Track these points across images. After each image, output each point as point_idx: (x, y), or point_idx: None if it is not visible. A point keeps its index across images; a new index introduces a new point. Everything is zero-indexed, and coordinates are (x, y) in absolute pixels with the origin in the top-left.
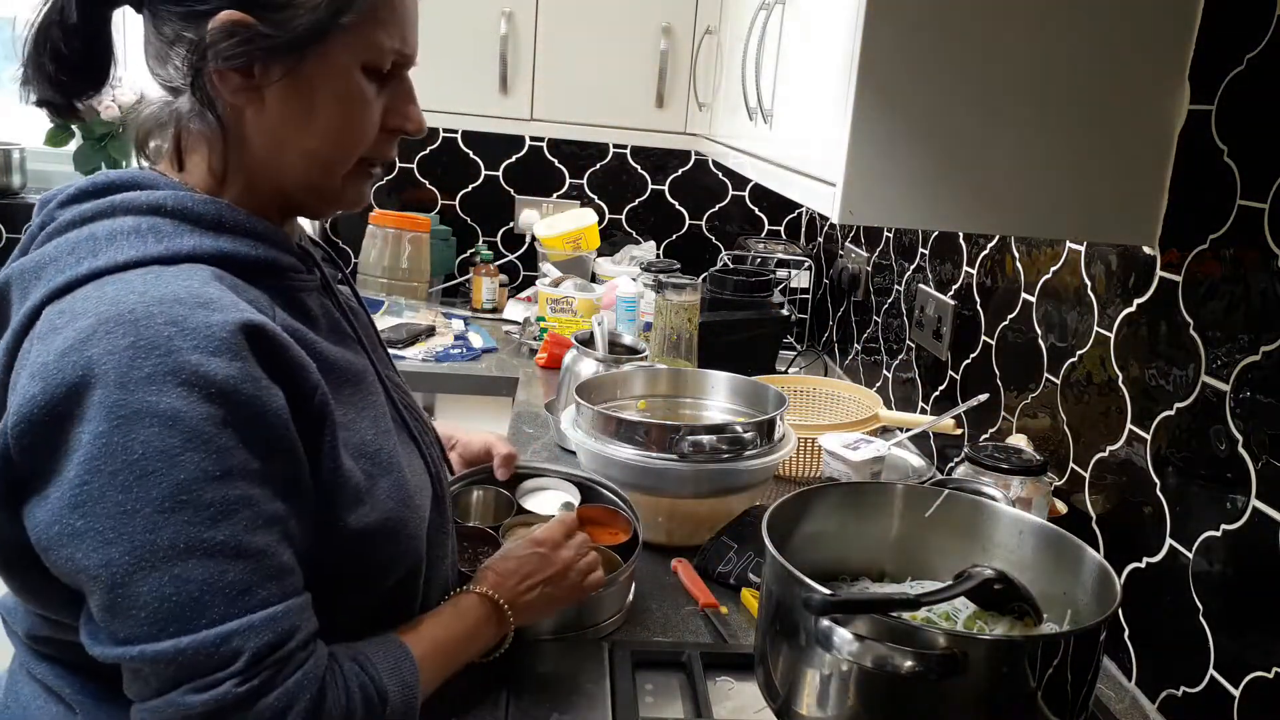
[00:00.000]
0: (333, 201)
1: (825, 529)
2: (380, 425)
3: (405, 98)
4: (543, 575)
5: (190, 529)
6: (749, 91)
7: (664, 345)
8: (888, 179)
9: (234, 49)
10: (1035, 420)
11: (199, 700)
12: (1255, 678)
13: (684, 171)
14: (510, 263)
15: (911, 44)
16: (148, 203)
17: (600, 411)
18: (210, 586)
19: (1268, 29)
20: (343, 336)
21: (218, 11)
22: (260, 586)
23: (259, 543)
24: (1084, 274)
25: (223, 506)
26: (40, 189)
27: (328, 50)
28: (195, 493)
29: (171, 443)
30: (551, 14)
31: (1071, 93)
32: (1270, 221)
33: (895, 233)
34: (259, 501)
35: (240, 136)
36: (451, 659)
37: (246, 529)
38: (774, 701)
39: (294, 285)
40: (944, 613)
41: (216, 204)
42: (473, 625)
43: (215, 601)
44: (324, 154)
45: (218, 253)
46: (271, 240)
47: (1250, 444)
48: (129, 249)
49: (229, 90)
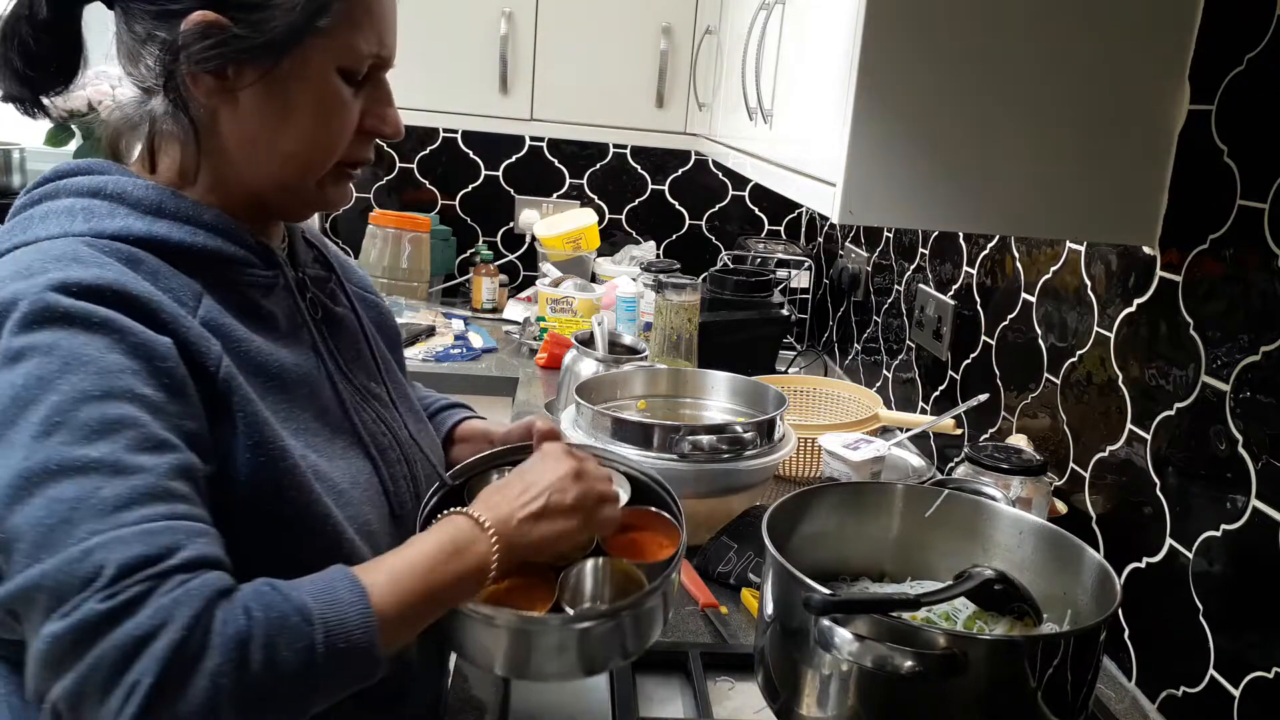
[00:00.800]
0: (309, 204)
1: (825, 529)
2: (304, 439)
3: (383, 100)
4: (541, 488)
5: (64, 449)
6: (749, 91)
7: (664, 345)
8: (888, 179)
9: (207, 51)
10: (1035, 420)
11: (61, 627)
12: (1255, 678)
13: (684, 171)
14: (510, 263)
15: (911, 44)
16: (88, 186)
17: (600, 411)
18: (82, 503)
19: (1268, 29)
20: (297, 340)
21: (191, 11)
22: (140, 504)
23: (143, 462)
24: (1084, 274)
25: (100, 425)
26: None
27: (304, 54)
28: (70, 413)
29: (49, 368)
30: (551, 14)
31: (1071, 92)
32: (1270, 221)
33: (895, 233)
34: (146, 425)
35: (213, 138)
36: (420, 578)
37: (128, 449)
38: (774, 701)
39: (242, 280)
40: (944, 613)
41: (159, 190)
42: (447, 541)
43: (85, 518)
44: (300, 157)
45: (147, 235)
46: (218, 230)
47: (1250, 444)
48: (54, 226)
49: (202, 92)
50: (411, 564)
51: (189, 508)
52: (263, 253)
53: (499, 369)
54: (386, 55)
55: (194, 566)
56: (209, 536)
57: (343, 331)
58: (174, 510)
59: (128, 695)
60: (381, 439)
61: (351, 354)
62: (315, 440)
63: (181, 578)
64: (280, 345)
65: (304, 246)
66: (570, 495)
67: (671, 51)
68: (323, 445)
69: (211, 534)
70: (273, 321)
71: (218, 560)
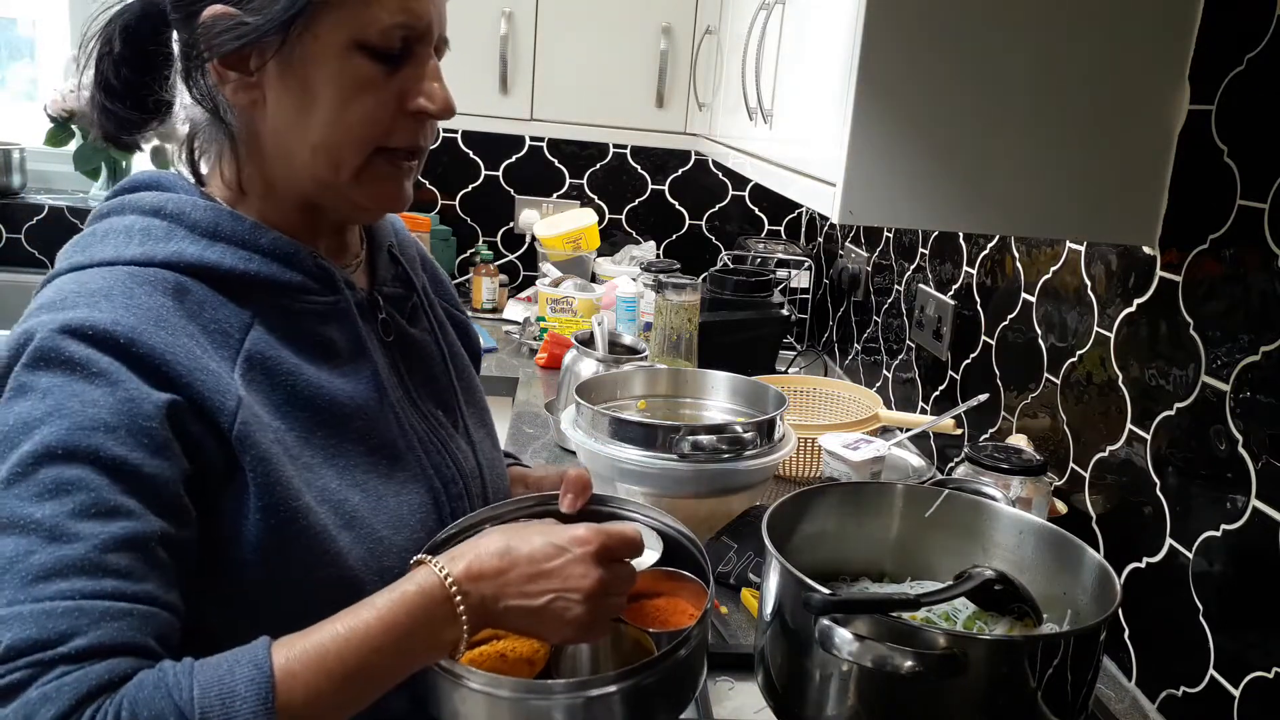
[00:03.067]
0: (354, 202)
1: (825, 529)
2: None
3: (425, 76)
4: (552, 586)
5: (16, 503)
6: (749, 91)
7: (664, 345)
8: (888, 179)
9: (217, 38)
10: (1035, 420)
11: None
12: (1255, 678)
13: (684, 171)
14: (510, 263)
15: (911, 44)
16: (151, 204)
17: (600, 411)
18: (11, 566)
19: (1268, 29)
20: (359, 368)
21: (205, 8)
22: (63, 577)
23: (82, 529)
24: (1084, 274)
25: (54, 485)
26: (40, 189)
27: (317, 31)
28: (33, 466)
29: (35, 414)
30: (551, 14)
31: (1071, 92)
32: (1270, 221)
33: (895, 233)
34: (98, 490)
35: (252, 142)
36: (356, 655)
37: (73, 514)
38: (774, 701)
39: (298, 307)
40: (944, 613)
41: (218, 211)
42: (411, 609)
43: (9, 583)
44: (328, 145)
45: (198, 262)
46: (275, 255)
47: (1250, 444)
48: (110, 249)
49: (230, 91)
50: (349, 635)
51: (118, 583)
52: (322, 276)
53: (499, 369)
54: (416, 24)
55: (83, 657)
56: (130, 619)
57: (417, 355)
58: (97, 588)
59: None
60: (446, 470)
61: (424, 378)
62: (366, 476)
63: (63, 669)
64: (337, 374)
65: (386, 263)
66: (576, 611)
67: (671, 51)
68: (375, 481)
69: (135, 614)
70: (331, 349)
71: (123, 646)
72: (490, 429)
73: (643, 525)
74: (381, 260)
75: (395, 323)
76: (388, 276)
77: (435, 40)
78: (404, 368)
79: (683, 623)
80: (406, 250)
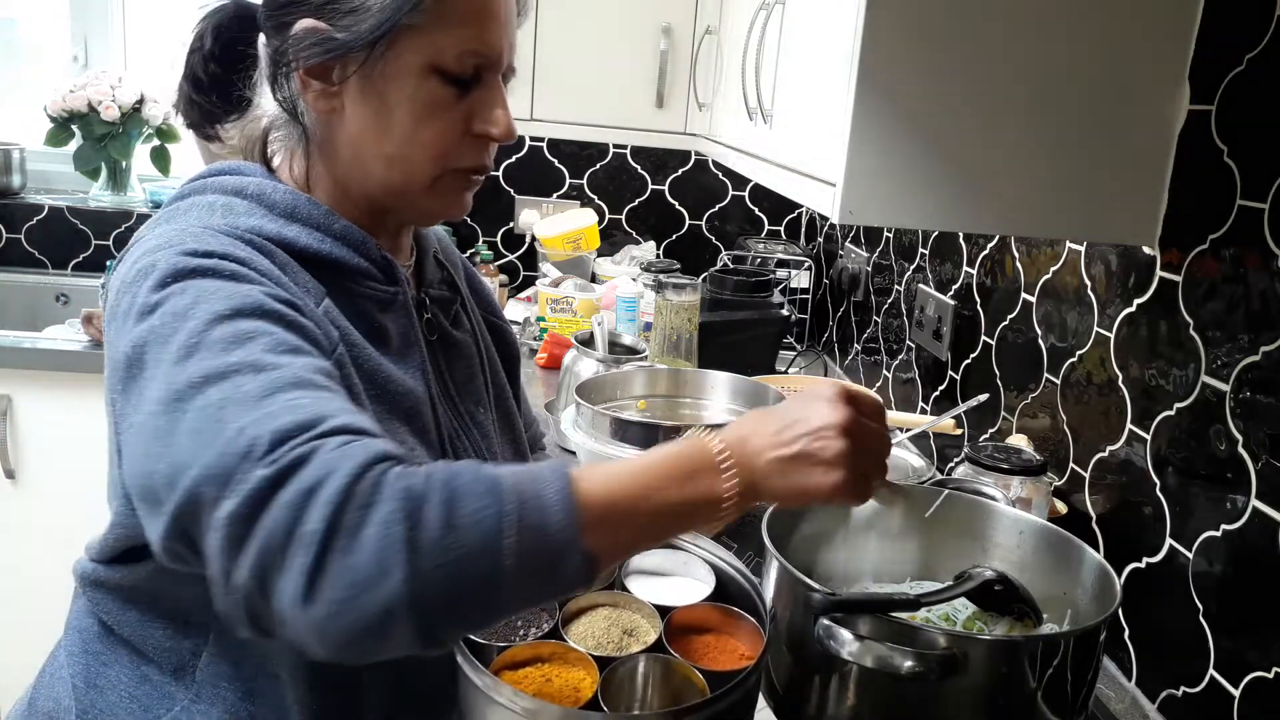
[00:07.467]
0: (424, 210)
1: (825, 529)
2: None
3: (491, 103)
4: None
5: (204, 363)
6: (749, 92)
7: (664, 345)
8: (888, 179)
9: (306, 50)
10: (1035, 420)
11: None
12: (1255, 678)
13: (684, 171)
14: (510, 263)
15: (911, 44)
16: (233, 186)
17: (600, 411)
18: (228, 401)
19: (1268, 29)
20: (407, 359)
21: (297, 21)
22: (284, 391)
23: (282, 360)
24: (1084, 274)
25: (235, 337)
26: (40, 189)
27: (397, 52)
28: (204, 334)
29: (182, 304)
30: (551, 14)
31: (1071, 92)
32: (1270, 221)
33: (895, 233)
34: (278, 334)
35: (325, 144)
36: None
37: (265, 351)
38: (774, 701)
39: (362, 291)
40: (944, 613)
41: (295, 195)
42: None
43: (233, 413)
44: (402, 159)
45: (278, 236)
46: (346, 240)
47: (1250, 444)
48: (194, 219)
49: (312, 98)
50: (632, 470)
51: (334, 395)
52: (386, 267)
53: None
54: (489, 53)
55: (353, 431)
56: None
57: (458, 356)
58: (319, 396)
59: (302, 550)
60: None
61: (463, 378)
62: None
63: (343, 439)
64: (391, 360)
65: (433, 267)
66: (834, 448)
67: (671, 51)
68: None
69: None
70: (386, 336)
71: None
72: (520, 436)
73: (695, 557)
74: (429, 264)
75: (439, 323)
76: (434, 279)
77: (504, 68)
78: (445, 366)
79: (733, 663)
80: (450, 256)
